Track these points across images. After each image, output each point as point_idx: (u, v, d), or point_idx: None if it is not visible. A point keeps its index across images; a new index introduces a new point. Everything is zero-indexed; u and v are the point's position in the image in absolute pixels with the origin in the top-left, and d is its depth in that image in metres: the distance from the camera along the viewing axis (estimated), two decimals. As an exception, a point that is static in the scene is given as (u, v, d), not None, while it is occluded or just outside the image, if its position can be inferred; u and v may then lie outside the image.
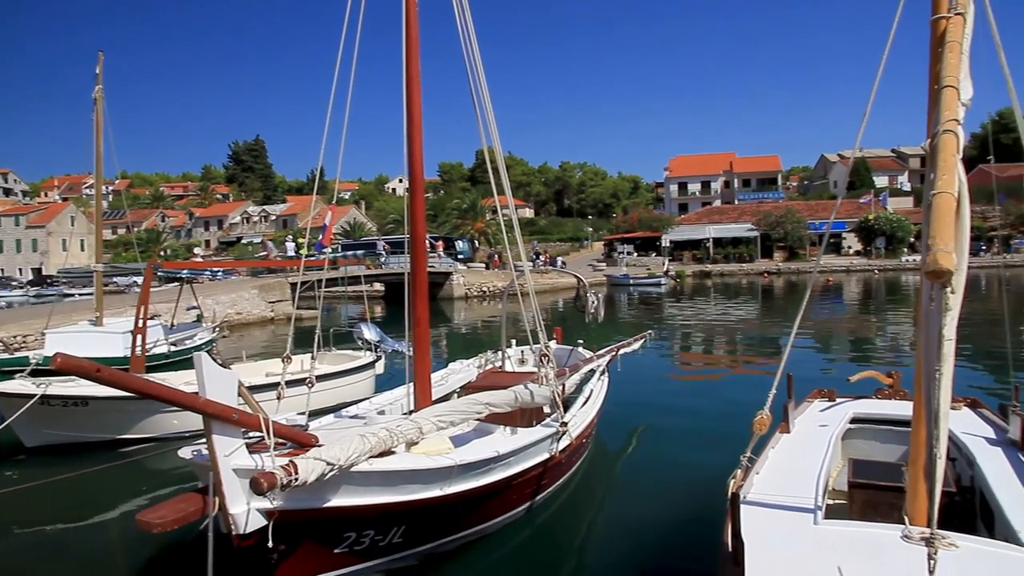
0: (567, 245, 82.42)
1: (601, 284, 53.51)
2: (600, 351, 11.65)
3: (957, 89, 3.35)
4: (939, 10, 4.23)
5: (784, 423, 6.61)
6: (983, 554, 3.97)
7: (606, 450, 10.60)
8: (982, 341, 20.02)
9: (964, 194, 3.02)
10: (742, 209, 79.71)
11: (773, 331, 25.50)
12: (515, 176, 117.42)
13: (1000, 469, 5.48)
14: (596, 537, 7.72)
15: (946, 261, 2.53)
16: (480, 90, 8.08)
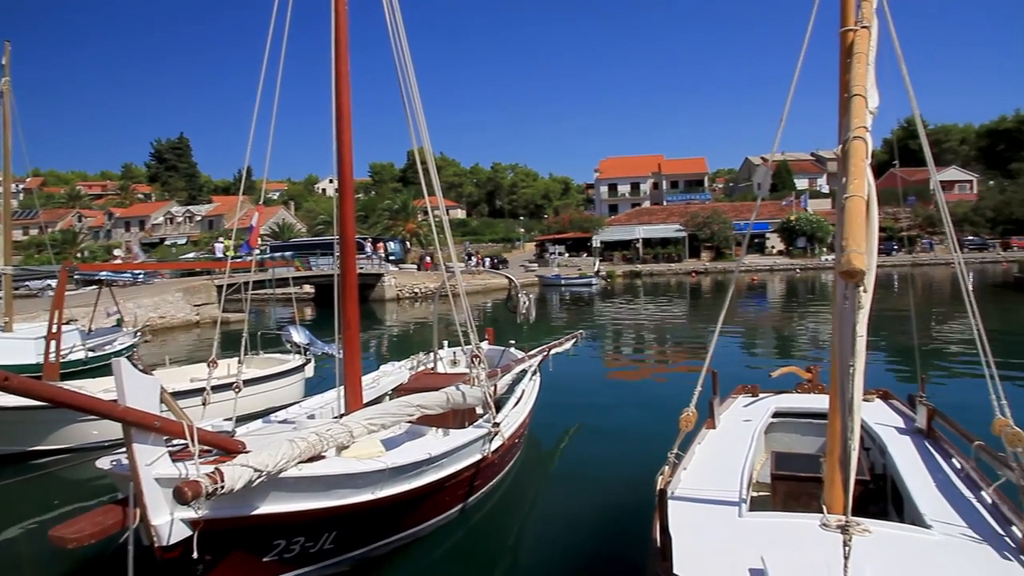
0: (499, 246, 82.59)
1: (533, 285, 53.82)
2: (532, 351, 11.74)
3: (865, 98, 3.51)
4: (847, 23, 4.43)
5: (710, 419, 6.80)
6: (893, 538, 4.18)
7: (539, 449, 10.68)
8: (893, 335, 20.97)
9: (873, 198, 3.17)
10: (670, 210, 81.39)
11: (701, 329, 26.11)
12: (447, 177, 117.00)
13: (908, 457, 5.76)
14: (529, 536, 7.77)
15: (858, 261, 2.66)
16: (410, 89, 8.04)
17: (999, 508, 4.61)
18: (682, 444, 5.54)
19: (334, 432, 5.96)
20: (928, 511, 4.61)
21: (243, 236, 16.97)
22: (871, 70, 4.12)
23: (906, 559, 3.90)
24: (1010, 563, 3.92)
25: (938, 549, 4.09)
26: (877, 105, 3.97)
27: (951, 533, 4.29)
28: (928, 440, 6.20)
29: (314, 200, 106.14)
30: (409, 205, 71.49)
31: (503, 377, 9.80)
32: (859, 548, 3.88)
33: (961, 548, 4.11)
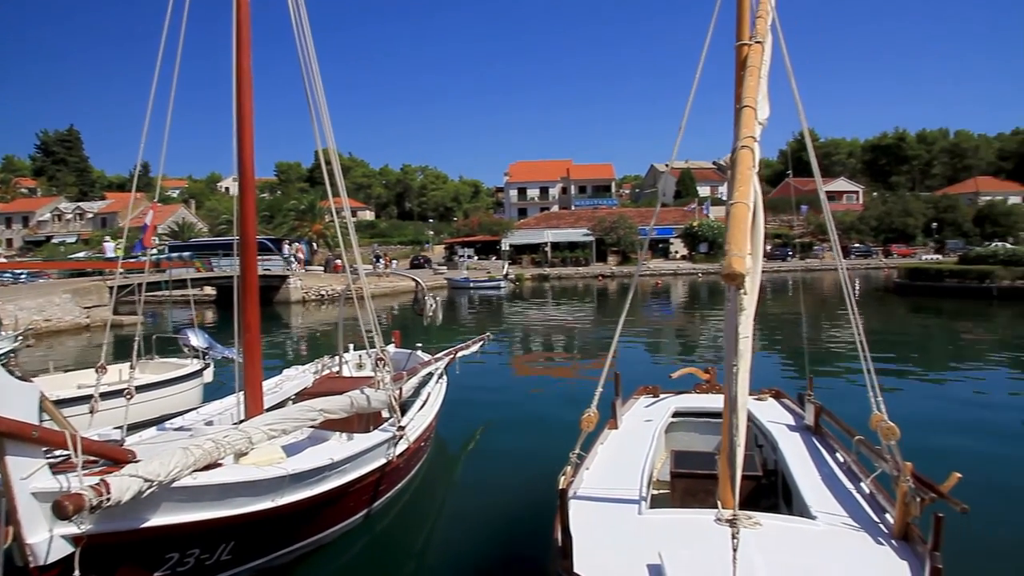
0: (408, 248, 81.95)
1: (442, 287, 53.63)
2: (439, 354, 11.70)
3: (755, 109, 3.67)
4: (741, 37, 4.64)
5: (613, 419, 6.94)
6: (781, 529, 4.38)
7: (446, 452, 10.65)
8: (787, 337, 22.00)
9: (759, 204, 3.31)
10: (578, 215, 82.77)
11: (608, 331, 26.63)
12: (356, 178, 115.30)
13: (797, 452, 6.06)
14: (436, 539, 7.73)
15: (740, 265, 2.76)
16: (315, 86, 7.87)
17: (876, 497, 4.91)
18: (585, 444, 5.64)
19: (232, 438, 5.76)
20: (813, 503, 4.86)
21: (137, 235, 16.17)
22: (763, 83, 4.31)
23: (793, 548, 4.09)
24: (884, 547, 4.18)
25: (822, 538, 4.31)
26: (767, 116, 4.16)
27: (834, 522, 4.53)
28: (815, 436, 6.53)
29: (216, 199, 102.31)
30: (316, 206, 70.01)
31: (409, 380, 9.72)
32: (750, 540, 4.05)
33: (842, 536, 4.36)
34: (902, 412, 11.98)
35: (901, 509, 4.29)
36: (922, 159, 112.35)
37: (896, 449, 4.52)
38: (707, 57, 5.03)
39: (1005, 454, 9.98)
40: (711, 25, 4.84)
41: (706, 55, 5.03)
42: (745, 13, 4.79)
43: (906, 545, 4.20)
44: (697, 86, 4.97)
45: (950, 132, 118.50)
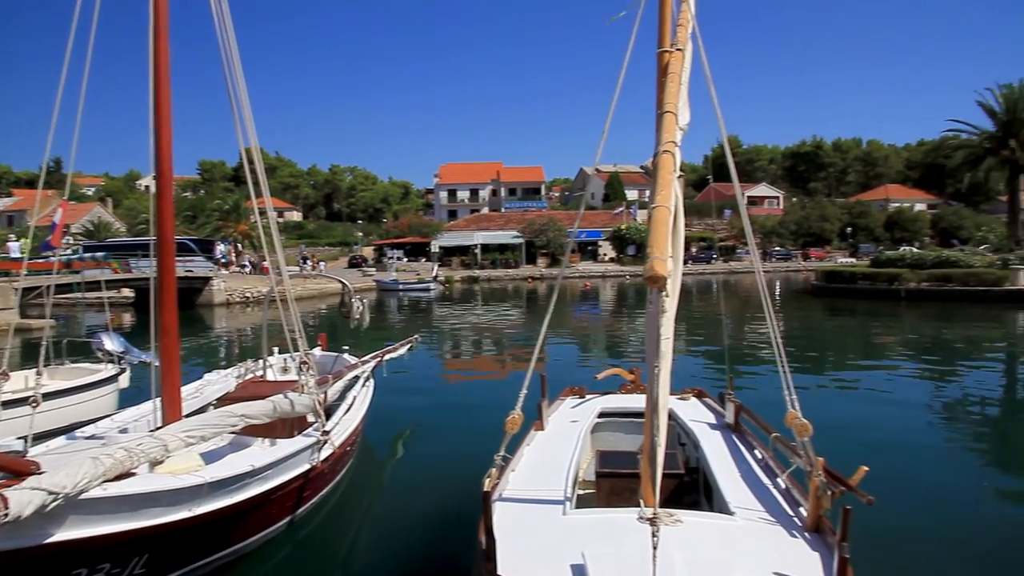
0: (336, 249, 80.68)
1: (370, 290, 53.03)
2: (365, 357, 11.54)
3: (675, 115, 3.74)
4: (663, 44, 4.72)
5: (539, 421, 6.97)
6: (701, 526, 4.47)
7: (373, 456, 10.52)
8: (711, 338, 22.57)
9: (679, 208, 3.38)
10: (508, 217, 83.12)
11: (537, 334, 26.80)
12: (283, 178, 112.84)
13: (717, 450, 6.21)
14: (361, 545, 7.63)
15: (661, 268, 2.81)
16: (236, 83, 7.64)
17: (791, 492, 5.07)
18: (511, 446, 5.65)
19: (146, 446, 5.54)
20: (732, 499, 4.98)
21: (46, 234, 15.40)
22: (684, 89, 4.40)
23: (712, 544, 4.19)
24: (797, 540, 4.32)
25: (739, 533, 4.43)
26: (688, 122, 4.25)
27: (751, 518, 4.66)
28: (735, 434, 6.71)
29: (135, 197, 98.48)
30: (241, 206, 68.22)
31: (335, 384, 9.56)
32: (671, 537, 4.12)
33: (759, 531, 4.48)
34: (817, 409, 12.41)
35: (813, 503, 4.44)
36: (837, 167, 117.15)
37: (809, 445, 4.67)
38: (635, 62, 5.12)
39: (910, 447, 10.48)
40: (633, 32, 4.92)
41: (631, 61, 5.11)
42: (666, 21, 4.89)
43: (818, 537, 4.34)
44: (620, 91, 5.04)
45: (863, 141, 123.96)
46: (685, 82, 4.45)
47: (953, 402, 14.29)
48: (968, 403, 14.29)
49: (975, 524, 7.60)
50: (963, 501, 8.33)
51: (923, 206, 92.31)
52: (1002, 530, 7.44)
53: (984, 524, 7.62)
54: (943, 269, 36.85)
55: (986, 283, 34.46)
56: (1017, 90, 46.32)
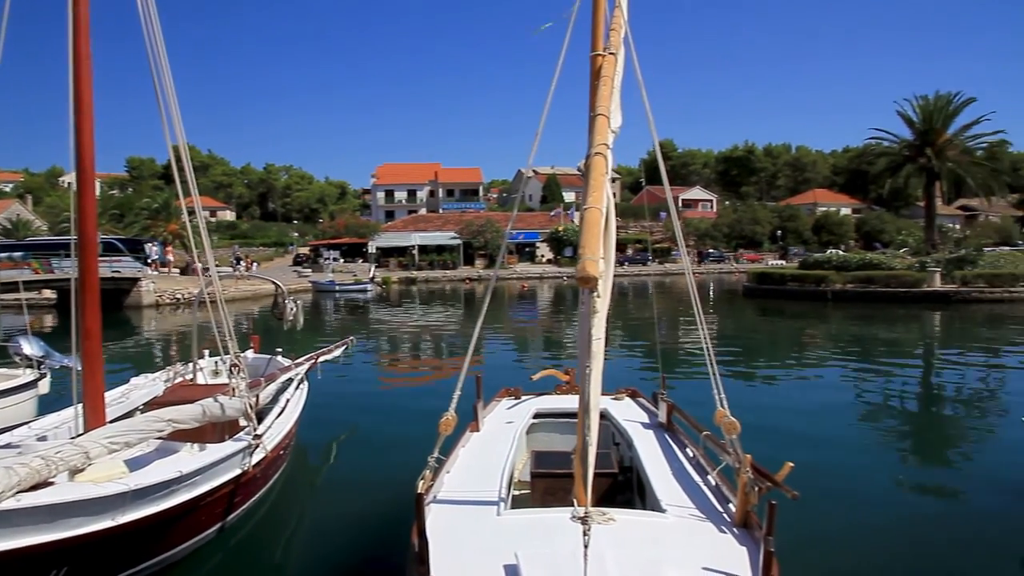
0: (272, 250, 79.07)
1: (306, 291, 52.18)
2: (299, 359, 11.34)
3: (608, 118, 3.79)
4: (596, 48, 4.78)
5: (474, 422, 6.97)
6: (634, 524, 4.53)
7: (307, 460, 10.35)
8: (647, 338, 22.94)
9: (611, 209, 3.42)
10: (446, 218, 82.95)
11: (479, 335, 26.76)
12: (215, 176, 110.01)
13: (650, 449, 6.30)
14: (295, 550, 7.49)
15: (593, 269, 2.84)
16: (163, 77, 7.42)
17: (721, 489, 5.18)
18: (446, 447, 5.62)
19: (65, 454, 5.33)
20: (664, 497, 5.06)
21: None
22: (616, 93, 4.46)
23: (643, 542, 4.24)
24: (726, 535, 4.42)
25: (670, 530, 4.50)
26: (620, 125, 4.32)
27: (682, 514, 4.74)
28: (668, 433, 6.82)
29: (58, 195, 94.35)
30: (171, 204, 66.17)
31: (267, 387, 9.37)
32: (603, 536, 4.17)
33: (690, 527, 4.57)
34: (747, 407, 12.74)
35: (742, 498, 4.55)
36: (768, 171, 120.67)
37: (737, 442, 4.78)
38: (571, 65, 5.16)
39: (835, 443, 10.86)
40: (567, 36, 4.97)
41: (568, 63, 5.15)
42: (599, 25, 4.95)
43: (746, 532, 4.45)
44: (555, 94, 5.08)
45: (792, 147, 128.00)
46: (617, 86, 4.51)
47: (875, 399, 14.87)
48: (889, 400, 14.90)
49: (892, 516, 7.91)
50: (881, 494, 8.67)
51: (848, 210, 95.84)
52: (916, 521, 7.78)
53: (900, 516, 7.94)
54: (866, 271, 38.33)
55: (906, 284, 35.97)
56: (932, 102, 48.50)
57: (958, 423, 13.12)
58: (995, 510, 8.15)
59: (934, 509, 8.25)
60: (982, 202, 78.20)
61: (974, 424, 12.85)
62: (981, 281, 35.47)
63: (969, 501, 8.58)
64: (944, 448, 11.39)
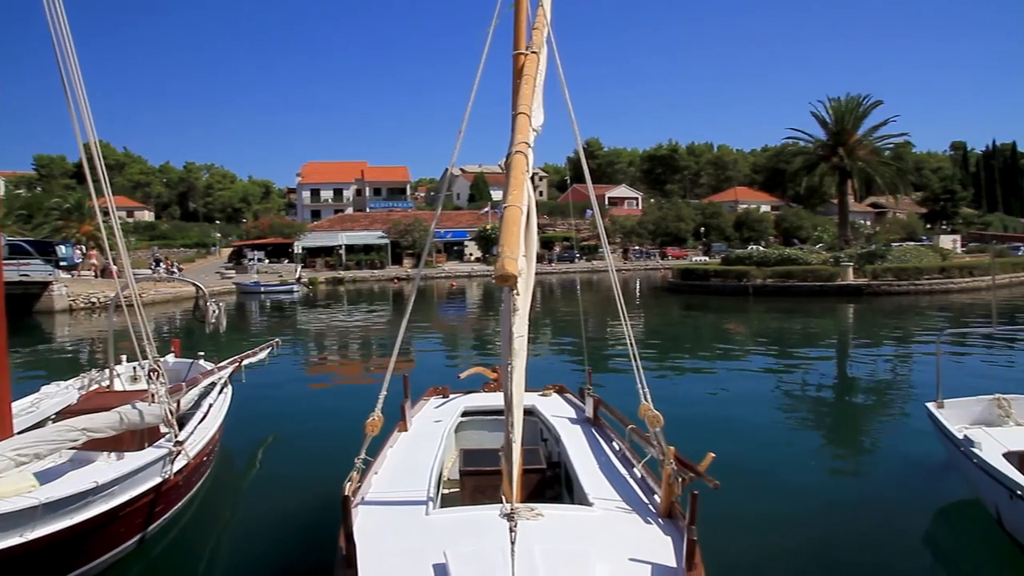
0: (193, 251, 76.64)
1: (230, 293, 50.83)
2: (223, 363, 11.05)
3: (529, 116, 3.83)
4: (518, 47, 4.81)
5: (402, 422, 6.93)
6: (562, 518, 4.60)
7: (232, 465, 10.10)
8: (576, 334, 23.20)
9: (532, 208, 3.45)
10: (373, 217, 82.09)
11: (406, 334, 26.59)
12: (132, 175, 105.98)
13: (578, 444, 6.40)
14: (220, 558, 7.31)
15: (512, 267, 2.85)
16: (71, 70, 7.09)
17: (646, 481, 5.30)
18: (373, 448, 5.59)
19: (-33, 468, 5.06)
20: (591, 490, 5.15)
21: None
22: (538, 92, 4.51)
23: (571, 535, 4.31)
24: (652, 526, 4.53)
25: (597, 523, 4.59)
26: (542, 124, 4.36)
27: (609, 507, 4.83)
28: (595, 427, 6.93)
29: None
30: (84, 204, 63.29)
31: (189, 391, 9.09)
32: (531, 531, 4.22)
33: (616, 519, 4.66)
34: (673, 400, 13.11)
35: (666, 489, 4.67)
36: (692, 169, 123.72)
37: (661, 435, 4.90)
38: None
39: (756, 433, 11.24)
40: (489, 34, 4.99)
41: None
42: (522, 24, 4.99)
43: (671, 522, 4.57)
44: (478, 93, 5.09)
45: (714, 146, 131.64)
46: (540, 84, 4.55)
47: (794, 389, 15.45)
48: (806, 390, 15.51)
49: (811, 501, 8.24)
50: (800, 481, 9.02)
51: (768, 208, 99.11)
52: (831, 505, 8.10)
53: (818, 500, 8.27)
54: (785, 266, 39.78)
55: (822, 279, 37.46)
56: (843, 104, 50.70)
57: (870, 410, 13.76)
58: (900, 491, 8.62)
59: (847, 493, 8.61)
60: (890, 200, 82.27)
61: (884, 411, 13.52)
62: (889, 275, 37.26)
63: (878, 483, 9.02)
64: (856, 435, 11.93)
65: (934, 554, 7.12)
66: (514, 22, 5.03)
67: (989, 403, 8.12)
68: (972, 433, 7.20)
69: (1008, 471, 6.27)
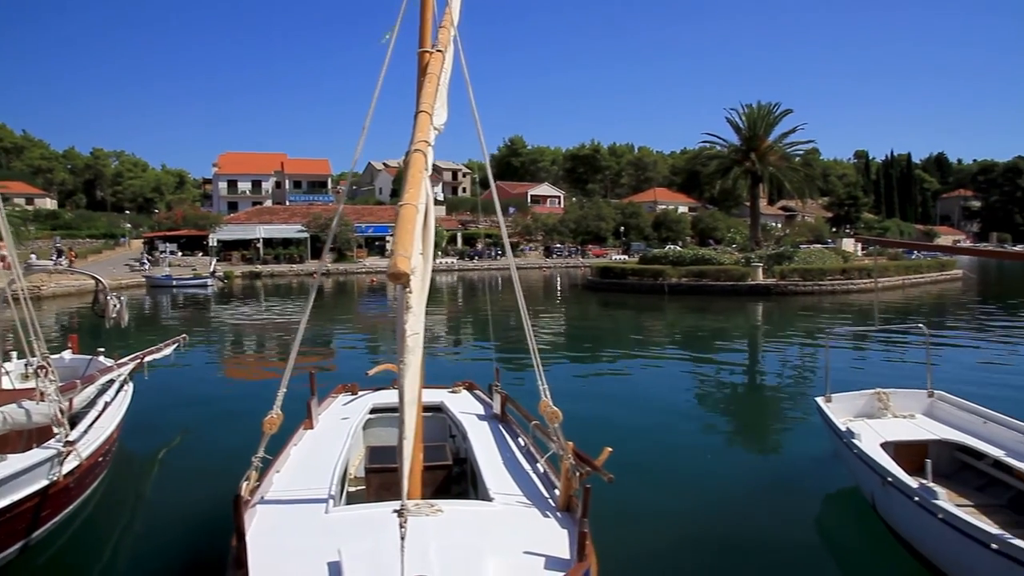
0: (101, 242, 73.27)
1: (140, 286, 48.92)
2: (123, 359, 10.63)
3: (430, 114, 3.85)
4: (423, 45, 4.83)
5: (308, 419, 6.85)
6: (461, 514, 4.65)
7: (132, 467, 9.74)
8: (496, 331, 23.30)
9: (430, 206, 3.48)
10: (293, 210, 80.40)
11: (324, 330, 26.16)
12: (32, 160, 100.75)
13: (484, 440, 6.47)
14: (113, 563, 7.06)
15: (404, 265, 2.87)
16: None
17: (548, 476, 5.41)
18: (278, 446, 5.51)
19: None
20: (493, 486, 5.22)
21: None
22: (443, 90, 4.53)
23: (469, 531, 4.36)
24: (550, 520, 4.63)
25: (496, 518, 4.65)
26: (444, 122, 4.39)
27: (509, 502, 4.91)
28: (502, 424, 7.02)
29: None
30: (-25, 190, 59.81)
31: (84, 389, 8.71)
32: (429, 527, 4.26)
33: (516, 514, 4.74)
34: (586, 396, 13.35)
35: (565, 484, 4.78)
36: (613, 169, 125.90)
37: (559, 431, 5.01)
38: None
39: (665, 427, 11.58)
40: (394, 31, 4.98)
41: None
42: (427, 22, 5.00)
43: (568, 516, 4.68)
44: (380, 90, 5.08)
45: (635, 147, 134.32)
46: (444, 83, 4.57)
47: (700, 386, 15.94)
48: (712, 386, 16.04)
49: (706, 493, 8.50)
50: (697, 474, 9.33)
51: (685, 209, 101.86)
52: (727, 497, 8.39)
53: (713, 492, 8.54)
54: (699, 266, 40.95)
55: (733, 278, 38.72)
56: (756, 110, 52.52)
57: (770, 405, 14.37)
58: (792, 481, 9.06)
59: (742, 485, 8.89)
60: (798, 203, 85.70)
61: (783, 405, 14.14)
62: (796, 275, 38.83)
63: (772, 475, 9.42)
64: (755, 429, 12.43)
65: (818, 540, 7.49)
66: (420, 20, 5.04)
67: (870, 397, 8.60)
68: (854, 425, 7.63)
69: (881, 460, 6.67)
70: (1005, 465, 6.81)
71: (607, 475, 4.73)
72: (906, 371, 15.26)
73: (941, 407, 8.38)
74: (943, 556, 5.79)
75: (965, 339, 22.22)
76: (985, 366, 17.30)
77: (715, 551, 6.96)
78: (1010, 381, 14.90)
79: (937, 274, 46.67)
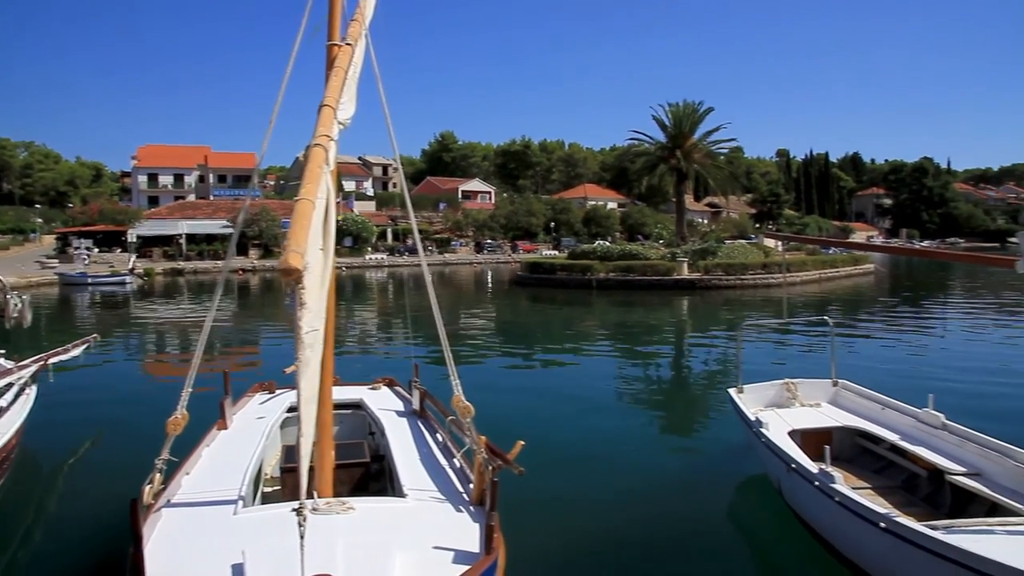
0: (8, 238, 69.71)
1: (52, 284, 46.81)
2: (25, 361, 10.16)
3: (334, 109, 3.81)
4: (332, 38, 4.77)
5: (222, 420, 6.71)
6: (373, 511, 4.63)
7: (36, 474, 9.32)
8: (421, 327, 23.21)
9: (331, 201, 3.45)
10: (217, 205, 78.22)
11: (250, 328, 25.59)
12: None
13: (402, 437, 6.45)
14: (9, 572, 6.74)
15: (296, 261, 2.83)
16: None
17: (464, 470, 5.44)
18: (187, 448, 5.38)
19: None
20: (408, 482, 5.22)
21: None
22: (351, 84, 4.49)
23: (380, 528, 4.35)
24: (463, 514, 4.66)
25: (409, 514, 4.65)
26: (350, 117, 4.35)
27: (423, 498, 4.92)
28: (420, 420, 7.02)
29: None
30: None
31: None
32: (339, 525, 4.24)
33: (429, 509, 4.75)
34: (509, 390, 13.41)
35: (478, 478, 4.81)
36: (544, 165, 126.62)
37: (472, 425, 5.05)
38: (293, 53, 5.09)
39: (581, 419, 11.74)
40: (302, 25, 4.91)
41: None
42: (336, 15, 4.95)
43: (480, 509, 4.71)
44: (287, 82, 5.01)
45: (565, 144, 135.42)
46: (352, 77, 4.53)
47: (623, 379, 16.26)
48: (634, 379, 16.40)
49: (621, 484, 8.63)
50: (614, 465, 9.46)
51: (615, 204, 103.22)
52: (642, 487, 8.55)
53: (628, 482, 8.66)
54: (626, 261, 41.62)
55: (660, 273, 39.51)
56: (681, 109, 53.72)
57: (689, 397, 14.80)
58: (705, 470, 9.37)
59: (657, 474, 9.06)
60: (723, 200, 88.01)
61: (701, 397, 14.55)
62: (719, 270, 39.89)
63: (686, 464, 9.69)
64: (673, 420, 12.75)
65: (728, 526, 7.75)
66: (328, 14, 4.98)
67: (780, 387, 8.94)
68: (763, 415, 7.91)
69: (786, 447, 6.95)
70: (900, 448, 7.18)
71: (518, 468, 4.79)
72: (815, 361, 15.90)
73: (844, 395, 8.76)
74: (840, 537, 6.06)
75: (872, 330, 23.30)
76: (887, 356, 18.19)
77: (628, 539, 7.09)
78: (907, 371, 15.72)
79: (851, 268, 48.78)
